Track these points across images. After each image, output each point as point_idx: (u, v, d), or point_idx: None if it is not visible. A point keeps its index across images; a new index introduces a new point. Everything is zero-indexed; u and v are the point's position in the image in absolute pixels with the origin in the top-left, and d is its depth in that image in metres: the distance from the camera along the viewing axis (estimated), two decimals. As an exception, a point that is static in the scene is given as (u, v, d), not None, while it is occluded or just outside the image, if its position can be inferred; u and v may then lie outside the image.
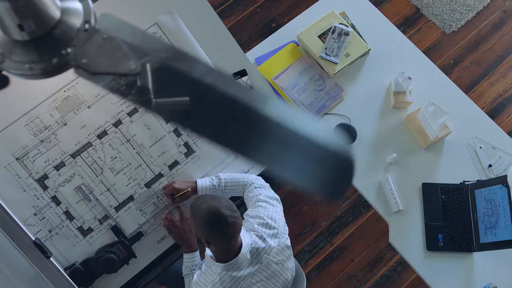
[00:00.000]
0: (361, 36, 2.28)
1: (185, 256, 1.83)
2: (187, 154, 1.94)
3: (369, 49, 2.26)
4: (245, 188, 1.85)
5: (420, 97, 2.17)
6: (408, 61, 2.28)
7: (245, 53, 2.30)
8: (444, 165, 2.12)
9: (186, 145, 1.94)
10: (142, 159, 1.89)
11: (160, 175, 1.91)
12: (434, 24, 3.30)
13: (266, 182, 1.87)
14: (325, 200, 2.86)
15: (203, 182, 1.82)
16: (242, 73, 1.99)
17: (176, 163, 1.93)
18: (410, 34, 3.25)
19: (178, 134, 1.92)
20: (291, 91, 2.20)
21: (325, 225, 2.89)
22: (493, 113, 3.06)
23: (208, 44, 1.97)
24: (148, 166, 1.90)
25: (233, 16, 3.35)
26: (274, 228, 1.72)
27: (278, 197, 1.82)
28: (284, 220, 1.79)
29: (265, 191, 1.81)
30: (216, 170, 1.97)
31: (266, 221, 1.71)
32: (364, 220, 2.89)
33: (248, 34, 3.31)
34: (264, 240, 1.68)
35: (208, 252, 1.71)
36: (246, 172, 2.02)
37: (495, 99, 3.13)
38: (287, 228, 1.78)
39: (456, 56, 3.23)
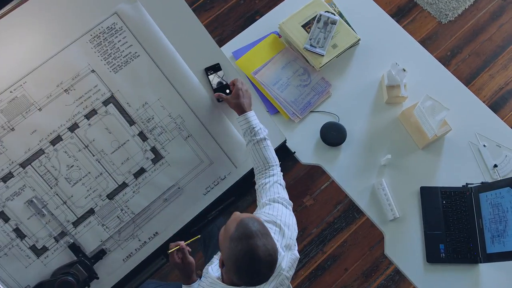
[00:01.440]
0: (349, 25, 2.06)
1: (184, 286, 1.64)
2: (154, 160, 1.71)
3: (359, 39, 2.04)
4: (266, 171, 1.62)
5: (416, 91, 1.96)
6: (402, 51, 2.06)
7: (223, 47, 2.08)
8: (444, 167, 1.91)
9: (154, 150, 1.71)
10: (103, 167, 1.67)
11: (124, 185, 1.69)
12: (429, 13, 3.09)
13: None
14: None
15: None
16: (216, 68, 1.76)
17: (142, 170, 1.70)
18: (404, 24, 3.04)
19: (144, 138, 1.70)
20: (272, 87, 1.98)
21: (316, 232, 2.67)
22: (495, 107, 2.85)
23: (176, 36, 1.74)
24: (110, 175, 1.67)
25: (214, 9, 3.13)
26: (290, 238, 1.51)
27: (292, 203, 1.62)
28: (296, 226, 1.58)
29: (283, 191, 1.61)
30: (188, 177, 1.75)
31: (283, 230, 1.50)
32: (358, 226, 2.67)
33: (231, 28, 3.09)
34: (279, 254, 1.44)
35: (213, 272, 1.48)
36: (222, 179, 1.79)
37: (496, 92, 2.92)
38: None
39: (454, 48, 3.02)
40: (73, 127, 1.64)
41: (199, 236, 1.68)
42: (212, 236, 1.98)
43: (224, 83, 1.75)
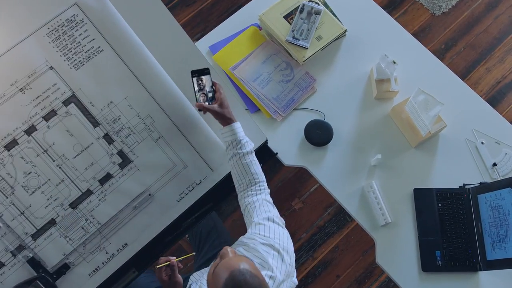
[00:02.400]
0: (335, 15, 1.92)
1: None
2: (122, 165, 1.56)
3: (345, 30, 1.89)
4: (252, 187, 1.47)
5: (408, 85, 1.81)
6: (392, 43, 1.92)
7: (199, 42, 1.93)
8: (439, 166, 1.76)
9: (121, 153, 1.56)
10: (65, 173, 1.51)
11: (89, 192, 1.53)
12: (422, 5, 2.95)
13: None
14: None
15: None
16: (205, 72, 1.56)
17: (108, 176, 1.55)
18: (395, 17, 2.89)
19: (110, 141, 1.54)
20: (252, 84, 1.83)
21: (305, 237, 2.52)
22: (492, 102, 2.71)
23: (144, 29, 1.59)
24: (72, 181, 1.52)
25: (196, 4, 2.98)
26: (289, 264, 1.34)
27: (284, 220, 1.45)
28: (293, 248, 1.40)
29: (274, 209, 1.44)
30: (160, 183, 1.60)
31: (282, 254, 1.32)
32: (350, 229, 2.53)
33: (214, 24, 2.92)
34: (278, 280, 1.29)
35: None
36: (198, 184, 1.64)
37: (493, 87, 2.78)
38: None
39: (448, 40, 2.88)
40: (30, 130, 1.49)
41: (193, 253, 1.53)
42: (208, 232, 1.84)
43: (209, 91, 1.56)
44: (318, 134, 1.76)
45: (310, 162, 1.77)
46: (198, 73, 1.55)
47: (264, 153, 1.75)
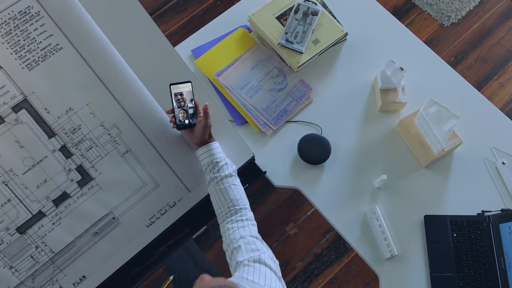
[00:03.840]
0: (334, 17, 1.70)
1: None
2: (82, 183, 1.32)
3: (346, 34, 1.67)
4: (233, 217, 1.22)
5: (417, 96, 1.58)
6: (399, 48, 1.69)
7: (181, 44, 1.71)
8: (454, 190, 1.52)
9: (80, 169, 1.32)
10: (12, 192, 1.28)
11: (40, 215, 1.30)
12: (429, 15, 2.74)
13: None
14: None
15: None
16: (185, 85, 1.35)
17: (65, 196, 1.31)
18: (400, 27, 2.67)
19: (68, 154, 1.31)
20: (239, 92, 1.60)
21: (301, 266, 2.26)
22: (507, 120, 2.46)
23: (114, 27, 1.37)
24: (21, 201, 1.28)
25: (188, 11, 2.78)
26: None
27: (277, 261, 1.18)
28: None
29: (263, 245, 1.17)
30: (126, 204, 1.36)
31: None
32: (350, 258, 2.27)
33: (206, 32, 2.73)
34: None
35: None
36: (171, 207, 1.40)
37: (507, 103, 2.55)
38: None
39: (458, 53, 2.66)
40: (-29, 140, 1.26)
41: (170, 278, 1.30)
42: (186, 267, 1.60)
43: (190, 107, 1.34)
44: (314, 150, 1.52)
45: (304, 183, 1.53)
46: (177, 87, 1.34)
47: (251, 172, 1.51)
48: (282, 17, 1.67)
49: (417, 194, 1.51)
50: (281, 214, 2.34)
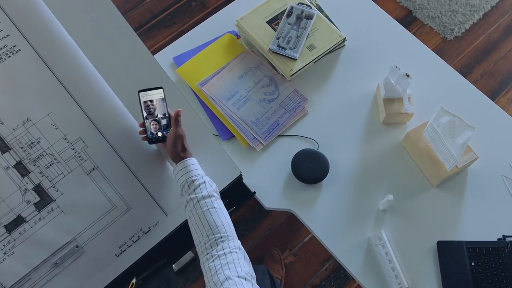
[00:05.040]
0: (331, 21, 1.54)
1: None
2: (40, 205, 1.14)
3: (344, 39, 1.51)
4: (212, 247, 1.01)
5: (425, 106, 1.41)
6: (403, 55, 1.54)
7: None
8: (470, 211, 1.33)
9: (39, 189, 1.14)
10: (-43, 216, 1.09)
11: (-10, 243, 1.11)
12: (431, 29, 2.60)
13: None
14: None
15: None
16: (156, 92, 1.18)
17: (20, 220, 1.13)
18: (401, 40, 2.53)
19: (24, 172, 1.13)
20: (225, 103, 1.43)
21: (298, 298, 2.06)
22: (518, 137, 2.29)
23: (83, 29, 1.20)
24: (-33, 227, 1.10)
25: (176, 25, 2.64)
26: None
27: None
28: None
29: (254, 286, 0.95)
30: (92, 230, 1.17)
31: None
32: (352, 290, 2.06)
33: (196, 47, 2.58)
34: None
35: None
36: (145, 233, 1.22)
37: (518, 120, 2.37)
38: None
39: (463, 67, 2.51)
40: None
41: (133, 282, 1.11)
42: None
43: (162, 117, 1.17)
44: (310, 168, 1.34)
45: (299, 204, 1.34)
46: (147, 94, 1.17)
47: (239, 193, 1.33)
48: (273, 21, 1.51)
49: (428, 217, 1.32)
50: (276, 240, 2.14)
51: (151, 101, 1.16)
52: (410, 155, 1.39)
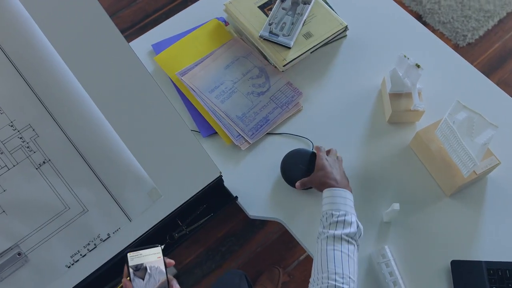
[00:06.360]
0: (331, 8, 1.37)
1: None
2: (-23, 204, 0.95)
3: (346, 27, 1.33)
4: None
5: (437, 103, 1.22)
6: (412, 46, 1.35)
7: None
8: (490, 226, 1.13)
9: (-24, 184, 0.96)
10: None
11: None
12: (442, 34, 2.43)
13: None
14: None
15: None
16: (152, 252, 0.91)
17: (-49, 221, 0.94)
18: (410, 46, 2.36)
19: (-40, 163, 0.95)
20: (208, 95, 1.25)
21: (291, 324, 1.84)
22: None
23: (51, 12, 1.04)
24: None
25: (170, 26, 2.47)
26: None
27: None
28: None
29: None
30: (39, 235, 0.98)
31: None
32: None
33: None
34: None
35: None
36: (103, 240, 1.02)
37: (536, 133, 2.17)
38: None
39: (476, 75, 2.32)
40: None
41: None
42: None
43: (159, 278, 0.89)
44: (302, 171, 1.15)
45: (289, 213, 1.15)
46: (139, 255, 0.89)
47: (218, 197, 1.14)
48: (266, 7, 1.34)
49: (440, 232, 1.12)
50: (269, 258, 1.94)
51: (142, 265, 0.89)
52: (420, 159, 1.19)
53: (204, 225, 1.12)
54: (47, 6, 1.04)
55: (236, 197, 1.14)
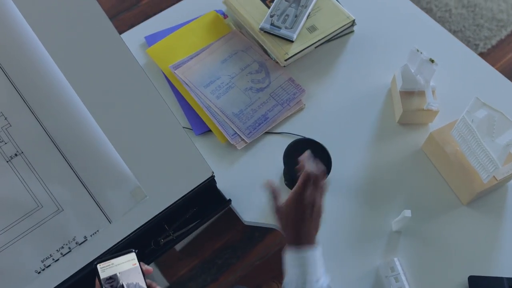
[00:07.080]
0: (337, 0, 1.28)
1: None
2: None
3: (353, 21, 1.24)
4: None
5: (452, 103, 1.12)
6: (425, 42, 1.25)
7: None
8: (511, 238, 1.01)
9: None
10: None
11: None
12: (453, 43, 2.33)
13: None
14: None
15: None
16: (126, 259, 0.80)
17: None
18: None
19: None
20: (203, 90, 1.15)
21: None
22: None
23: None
24: None
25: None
26: None
27: None
28: None
29: None
30: (7, 236, 0.88)
31: None
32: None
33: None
34: None
35: None
36: (79, 244, 0.92)
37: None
38: None
39: (489, 86, 2.22)
40: None
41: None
42: None
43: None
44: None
45: (288, 219, 1.03)
46: (110, 266, 0.79)
47: (211, 200, 1.03)
48: (268, -1, 1.25)
49: (456, 244, 1.01)
50: (268, 272, 1.82)
51: (115, 277, 0.78)
52: (433, 163, 1.09)
53: (193, 231, 1.01)
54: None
55: (230, 200, 1.04)
